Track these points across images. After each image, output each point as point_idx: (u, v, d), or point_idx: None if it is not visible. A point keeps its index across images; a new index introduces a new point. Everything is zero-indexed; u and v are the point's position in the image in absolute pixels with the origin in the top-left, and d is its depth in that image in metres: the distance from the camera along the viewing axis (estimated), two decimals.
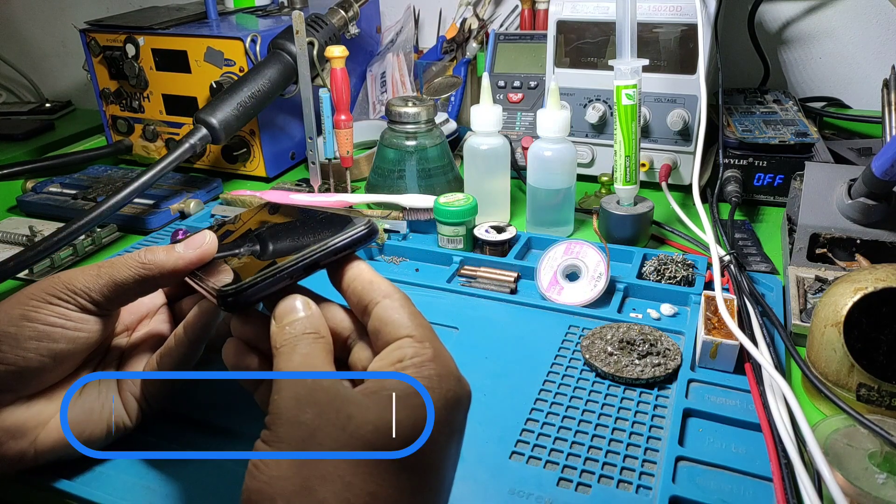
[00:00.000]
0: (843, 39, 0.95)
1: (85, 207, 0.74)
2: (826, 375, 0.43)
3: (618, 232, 0.65)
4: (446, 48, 1.01)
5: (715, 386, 0.45)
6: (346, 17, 0.87)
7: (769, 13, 0.96)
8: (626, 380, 0.45)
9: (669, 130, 0.75)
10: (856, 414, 0.38)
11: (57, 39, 1.37)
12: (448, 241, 0.63)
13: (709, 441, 0.41)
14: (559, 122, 0.64)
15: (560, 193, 0.66)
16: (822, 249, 0.57)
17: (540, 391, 0.45)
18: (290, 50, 0.78)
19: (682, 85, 0.74)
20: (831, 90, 0.97)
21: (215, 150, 0.87)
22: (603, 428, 0.42)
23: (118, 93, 0.90)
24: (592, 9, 0.75)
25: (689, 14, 0.71)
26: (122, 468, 0.39)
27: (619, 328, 0.50)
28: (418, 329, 0.31)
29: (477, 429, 0.41)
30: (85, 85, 1.39)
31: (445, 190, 0.72)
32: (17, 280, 0.63)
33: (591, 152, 0.81)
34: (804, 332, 0.49)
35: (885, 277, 0.42)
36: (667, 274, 0.57)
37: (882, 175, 0.51)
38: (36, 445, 0.36)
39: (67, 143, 1.06)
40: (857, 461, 0.37)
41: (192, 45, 0.83)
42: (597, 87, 0.78)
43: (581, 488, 0.37)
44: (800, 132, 0.73)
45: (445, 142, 0.76)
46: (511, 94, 0.88)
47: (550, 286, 0.56)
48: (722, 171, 0.72)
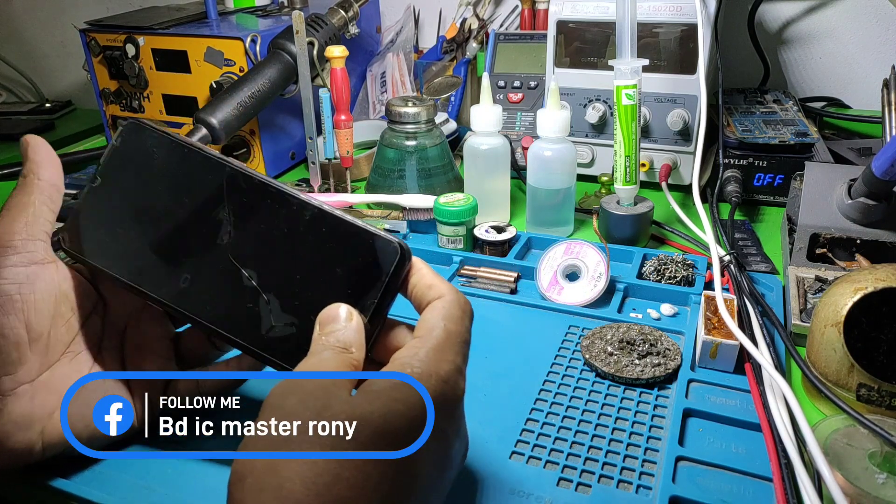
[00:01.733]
0: (843, 39, 0.95)
1: None
2: (826, 375, 0.43)
3: (618, 232, 0.65)
4: (446, 48, 1.01)
5: (715, 386, 0.45)
6: (346, 17, 0.87)
7: (769, 13, 0.96)
8: (626, 380, 0.45)
9: (669, 130, 0.75)
10: (856, 414, 0.38)
11: (57, 39, 1.37)
12: (448, 241, 0.63)
13: (709, 441, 0.41)
14: (559, 122, 0.64)
15: (560, 193, 0.66)
16: (822, 249, 0.57)
17: (540, 391, 0.45)
18: (290, 50, 0.78)
19: (682, 85, 0.74)
20: (831, 90, 0.97)
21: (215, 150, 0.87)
22: (603, 428, 0.42)
23: (118, 93, 0.90)
24: (592, 9, 0.75)
25: (689, 14, 0.71)
26: (122, 468, 0.39)
27: (619, 328, 0.50)
28: (427, 330, 0.32)
29: (477, 429, 0.41)
30: (85, 85, 1.39)
31: (445, 190, 0.72)
32: None
33: (591, 152, 0.81)
34: (804, 332, 0.49)
35: (885, 277, 0.42)
36: (667, 274, 0.57)
37: (882, 175, 0.51)
38: (44, 437, 0.36)
39: (67, 143, 1.06)
40: (857, 461, 0.37)
41: (192, 45, 0.83)
42: (597, 87, 0.78)
43: (581, 488, 0.37)
44: (800, 132, 0.73)
45: (445, 142, 0.76)
46: (511, 94, 0.88)
47: (550, 286, 0.56)
48: (722, 171, 0.72)
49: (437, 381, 0.30)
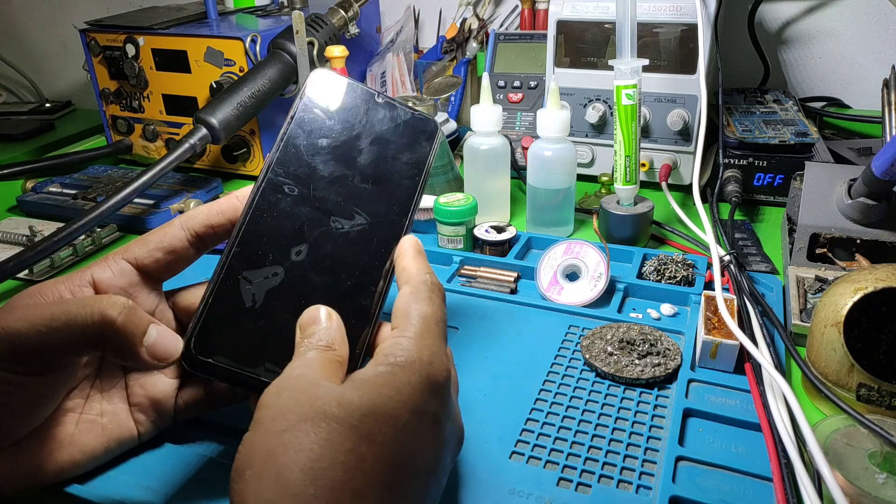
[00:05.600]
0: (843, 39, 0.95)
1: (85, 207, 0.74)
2: (826, 375, 0.43)
3: (618, 232, 0.65)
4: (446, 48, 1.01)
5: (715, 386, 0.45)
6: (346, 16, 0.87)
7: (769, 13, 0.96)
8: (626, 380, 0.45)
9: (669, 130, 0.75)
10: (856, 414, 0.38)
11: (57, 39, 1.37)
12: (448, 241, 0.63)
13: (709, 441, 0.41)
14: (559, 122, 0.64)
15: (560, 193, 0.66)
16: (822, 249, 0.57)
17: (540, 391, 0.45)
18: (290, 50, 0.78)
19: (682, 85, 0.74)
20: (831, 90, 0.97)
21: (215, 150, 0.87)
22: (603, 428, 0.42)
23: (118, 93, 0.90)
24: (592, 9, 0.75)
25: (689, 14, 0.71)
26: (122, 468, 0.39)
27: (619, 328, 0.50)
28: (403, 318, 0.33)
29: (477, 428, 0.41)
30: (85, 85, 1.39)
31: (445, 190, 0.72)
32: (17, 280, 0.63)
33: (591, 152, 0.81)
34: (804, 332, 0.49)
35: (885, 277, 0.42)
36: (667, 274, 0.57)
37: (882, 175, 0.51)
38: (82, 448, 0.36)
39: (67, 143, 1.06)
40: (857, 461, 0.37)
41: (192, 45, 0.83)
42: (597, 87, 0.78)
43: (581, 488, 0.37)
44: (800, 132, 0.73)
45: (445, 142, 0.76)
46: (511, 94, 0.88)
47: (550, 286, 0.56)
48: (722, 171, 0.72)
49: (421, 366, 0.31)
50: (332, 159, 0.38)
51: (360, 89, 0.39)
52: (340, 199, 0.37)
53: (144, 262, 0.37)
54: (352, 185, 0.38)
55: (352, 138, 0.38)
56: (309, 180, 0.37)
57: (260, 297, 0.35)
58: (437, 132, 0.40)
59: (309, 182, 0.37)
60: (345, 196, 0.37)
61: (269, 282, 0.35)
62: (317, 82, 0.39)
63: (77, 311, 0.31)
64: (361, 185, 0.38)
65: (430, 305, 0.34)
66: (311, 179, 0.37)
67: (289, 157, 0.37)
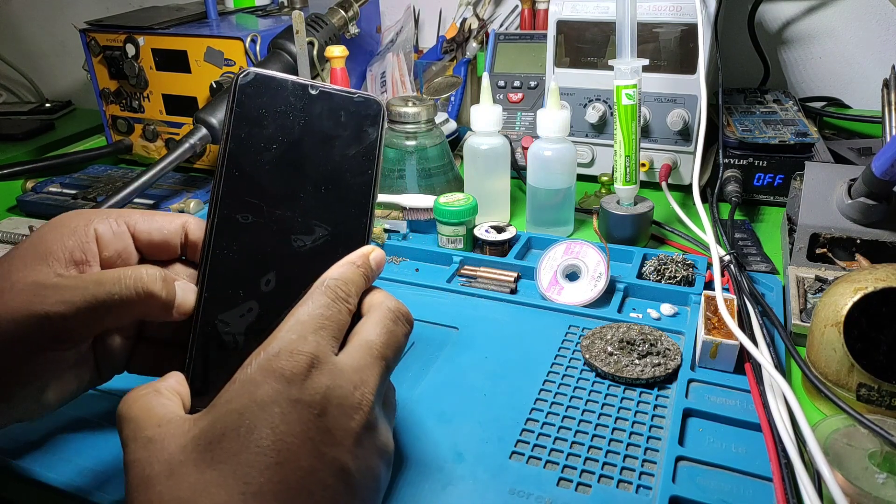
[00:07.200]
0: (843, 39, 0.95)
1: (85, 207, 0.74)
2: (826, 375, 0.43)
3: (618, 232, 0.65)
4: (446, 48, 1.01)
5: (715, 386, 0.45)
6: (346, 16, 0.87)
7: (769, 13, 0.96)
8: (626, 380, 0.45)
9: (669, 130, 0.75)
10: (856, 414, 0.38)
11: (57, 39, 1.37)
12: (448, 241, 0.63)
13: (709, 441, 0.41)
14: (559, 122, 0.64)
15: (560, 193, 0.66)
16: (822, 249, 0.57)
17: (540, 391, 0.45)
18: (290, 50, 0.78)
19: (682, 85, 0.74)
20: (831, 90, 0.97)
21: (215, 150, 0.87)
22: (603, 428, 0.42)
23: (118, 93, 0.90)
24: (592, 9, 0.75)
25: (689, 14, 0.71)
26: (121, 468, 0.39)
27: (619, 328, 0.50)
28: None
29: (477, 429, 0.41)
30: (85, 85, 1.39)
31: (445, 190, 0.72)
32: None
33: (591, 152, 0.81)
34: (804, 332, 0.49)
35: (885, 277, 0.42)
36: (667, 274, 0.57)
37: (882, 175, 0.51)
38: None
39: (67, 143, 1.06)
40: (857, 461, 0.37)
41: (192, 45, 0.83)
42: (597, 87, 0.78)
43: (581, 488, 0.37)
44: (800, 132, 0.73)
45: (445, 142, 0.76)
46: (511, 94, 0.88)
47: (550, 286, 0.56)
48: (722, 171, 0.72)
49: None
50: (278, 173, 0.35)
51: (292, 84, 0.36)
52: (297, 215, 0.35)
53: (140, 236, 0.37)
54: (305, 196, 0.35)
55: (294, 143, 0.36)
56: (260, 203, 0.35)
57: (240, 336, 0.34)
58: (382, 113, 0.37)
59: (261, 205, 0.35)
60: (300, 210, 0.35)
61: (246, 319, 0.34)
62: (244, 89, 0.35)
63: (118, 291, 0.32)
64: (314, 194, 0.36)
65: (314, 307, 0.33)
66: (263, 201, 0.35)
67: (234, 184, 0.35)
